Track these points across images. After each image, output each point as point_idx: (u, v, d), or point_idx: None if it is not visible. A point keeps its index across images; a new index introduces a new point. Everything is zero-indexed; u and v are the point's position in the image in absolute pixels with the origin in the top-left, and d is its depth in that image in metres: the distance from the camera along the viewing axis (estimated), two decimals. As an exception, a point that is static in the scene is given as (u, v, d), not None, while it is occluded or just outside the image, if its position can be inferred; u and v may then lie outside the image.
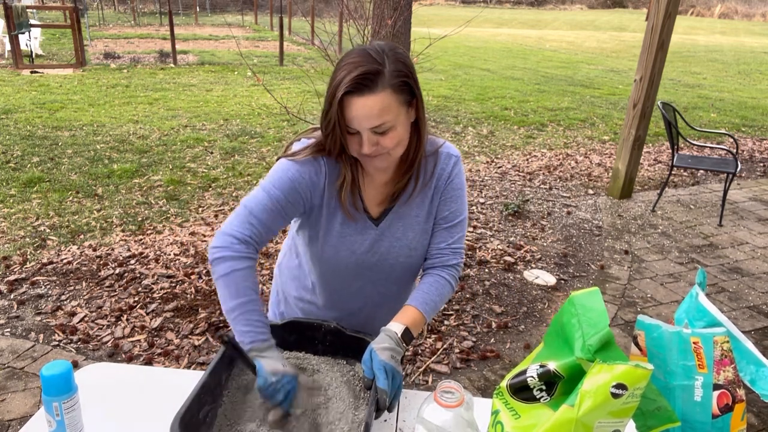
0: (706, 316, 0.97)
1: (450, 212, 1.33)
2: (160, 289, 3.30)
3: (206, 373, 1.14)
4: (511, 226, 4.39)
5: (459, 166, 1.34)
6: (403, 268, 1.37)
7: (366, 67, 1.10)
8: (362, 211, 1.31)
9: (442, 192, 1.32)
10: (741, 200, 5.25)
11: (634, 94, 4.83)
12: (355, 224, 1.31)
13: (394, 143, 1.17)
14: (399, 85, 1.13)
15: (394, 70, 1.12)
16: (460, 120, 7.69)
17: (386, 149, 1.17)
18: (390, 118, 1.13)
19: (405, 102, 1.16)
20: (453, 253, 1.34)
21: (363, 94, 1.10)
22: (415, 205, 1.32)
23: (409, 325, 1.22)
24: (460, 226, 1.35)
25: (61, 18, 16.54)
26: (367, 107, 1.11)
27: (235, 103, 8.04)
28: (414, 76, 1.17)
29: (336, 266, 1.35)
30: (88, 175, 5.00)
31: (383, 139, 1.15)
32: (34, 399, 2.44)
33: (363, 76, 1.10)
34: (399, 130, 1.16)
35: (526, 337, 3.05)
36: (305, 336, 1.33)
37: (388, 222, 1.32)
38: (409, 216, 1.32)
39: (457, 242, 1.35)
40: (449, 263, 1.34)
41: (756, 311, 3.40)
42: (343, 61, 1.13)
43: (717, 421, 0.91)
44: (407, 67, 1.15)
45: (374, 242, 1.33)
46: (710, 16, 32.47)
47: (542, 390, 0.93)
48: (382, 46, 1.16)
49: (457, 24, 5.49)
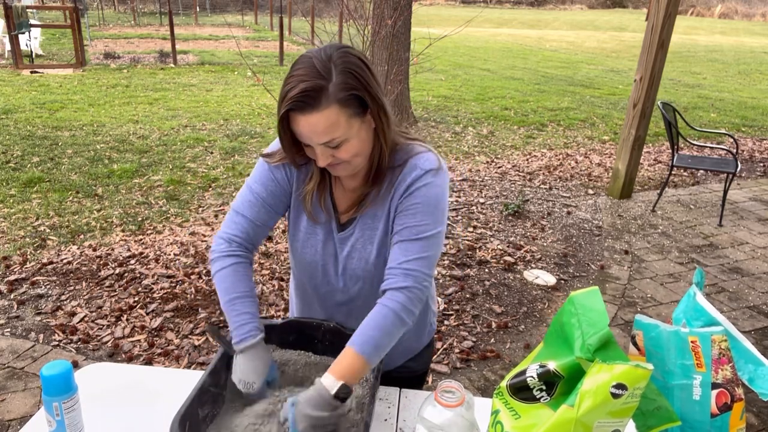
0: (703, 316, 0.98)
1: (405, 227, 1.18)
2: (160, 289, 3.30)
3: (206, 373, 1.14)
4: (511, 226, 4.39)
5: (426, 178, 1.18)
6: (365, 283, 1.29)
7: (308, 83, 1.04)
8: (332, 213, 1.28)
9: (397, 204, 1.20)
10: (741, 200, 5.25)
11: (634, 94, 4.83)
12: (319, 226, 1.28)
13: (349, 155, 1.12)
14: (346, 98, 1.06)
15: (340, 83, 1.05)
16: (460, 120, 7.70)
17: (342, 160, 1.13)
18: (339, 134, 1.08)
19: (357, 114, 1.09)
20: (404, 274, 1.15)
21: (305, 112, 1.05)
22: (376, 218, 1.24)
23: (346, 378, 1.07)
24: (419, 244, 1.16)
25: (61, 18, 16.54)
26: (311, 125, 1.06)
27: (235, 103, 8.04)
28: (367, 85, 1.09)
29: (303, 263, 1.33)
30: (88, 175, 5.00)
31: (337, 152, 1.11)
32: (34, 399, 2.44)
33: (305, 93, 1.04)
34: (353, 142, 1.11)
35: (526, 337, 3.05)
36: (305, 335, 1.33)
37: (351, 230, 1.27)
38: (370, 228, 1.25)
39: (412, 263, 1.16)
40: (396, 286, 1.15)
41: (756, 311, 3.40)
42: (290, 72, 1.08)
43: (716, 420, 0.91)
44: (357, 77, 1.07)
45: (335, 247, 1.29)
46: (710, 16, 32.47)
47: (542, 390, 0.93)
48: (331, 53, 1.07)
49: (457, 24, 5.49)
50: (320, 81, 1.04)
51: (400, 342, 1.18)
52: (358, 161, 1.16)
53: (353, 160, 1.14)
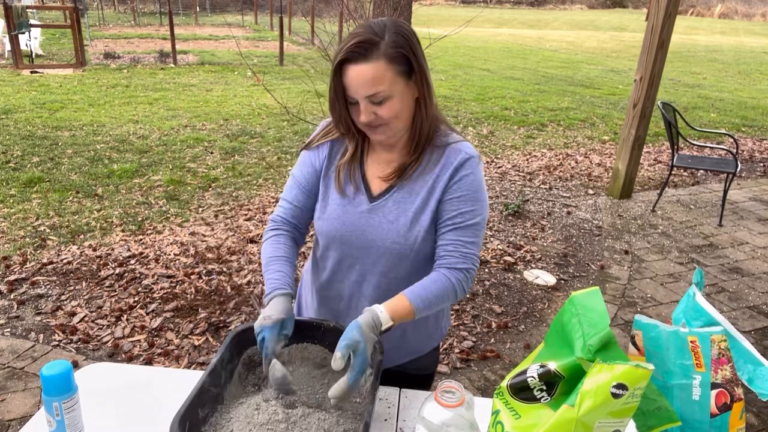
0: (703, 316, 0.97)
1: (459, 212, 1.26)
2: (160, 289, 3.30)
3: (206, 373, 1.14)
4: (511, 226, 4.39)
5: (471, 164, 1.28)
6: (392, 257, 1.30)
7: (362, 37, 1.15)
8: (361, 186, 1.32)
9: (446, 188, 1.27)
10: (741, 200, 5.25)
11: (634, 94, 4.83)
12: (349, 197, 1.32)
13: (390, 114, 1.19)
14: (394, 55, 1.16)
15: (391, 41, 1.16)
16: (460, 120, 7.70)
17: (383, 120, 1.19)
18: (384, 88, 1.16)
19: (402, 73, 1.18)
20: (463, 257, 1.26)
21: (357, 62, 1.15)
22: (414, 192, 1.29)
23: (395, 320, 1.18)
24: (472, 230, 1.27)
25: (61, 18, 16.54)
26: (361, 74, 1.15)
27: (235, 103, 8.04)
28: (415, 51, 1.19)
29: (330, 232, 1.34)
30: (88, 175, 5.00)
31: (380, 109, 1.18)
32: (34, 399, 2.44)
33: (358, 44, 1.14)
34: (395, 101, 1.18)
35: (526, 337, 3.05)
36: (305, 335, 1.33)
37: (384, 201, 1.30)
38: (406, 201, 1.29)
39: (468, 246, 1.26)
40: (456, 266, 1.26)
41: (756, 311, 3.40)
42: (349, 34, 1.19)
43: (715, 420, 0.91)
44: (407, 40, 1.18)
45: (364, 217, 1.30)
46: (710, 16, 32.47)
47: (542, 390, 0.93)
48: (386, 21, 1.19)
49: (457, 24, 5.49)
50: (374, 37, 1.15)
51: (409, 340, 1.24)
52: (398, 125, 1.22)
53: (393, 122, 1.20)
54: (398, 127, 1.23)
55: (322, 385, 1.24)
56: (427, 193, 1.28)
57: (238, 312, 3.11)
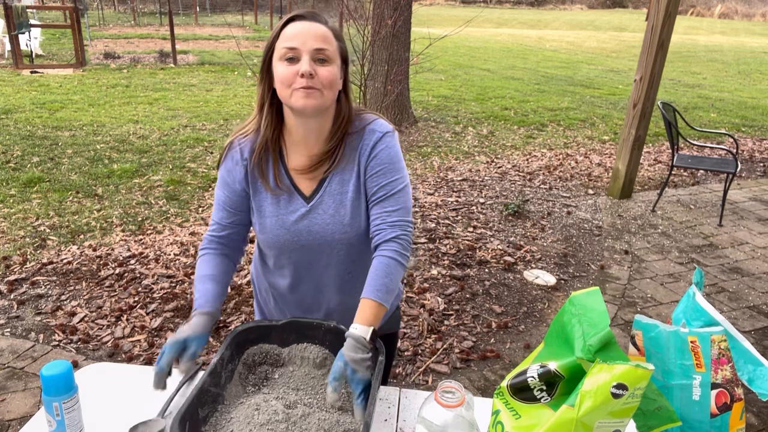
0: (703, 316, 0.98)
1: (378, 186, 1.32)
2: (160, 289, 3.30)
3: (206, 373, 1.14)
4: (511, 226, 4.39)
5: (385, 140, 1.33)
6: (343, 247, 1.35)
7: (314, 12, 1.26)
8: (291, 188, 1.34)
9: (365, 168, 1.32)
10: (741, 200, 5.25)
11: (634, 94, 4.83)
12: (283, 200, 1.34)
13: (329, 77, 1.23)
14: (338, 37, 1.27)
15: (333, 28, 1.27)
16: (460, 120, 7.70)
17: (320, 83, 1.22)
18: (330, 50, 1.23)
19: (341, 51, 1.27)
20: (390, 226, 1.31)
21: (311, 21, 1.23)
22: (344, 182, 1.33)
23: (373, 323, 1.22)
24: (393, 199, 1.32)
25: (61, 18, 16.54)
26: (312, 29, 1.22)
27: (235, 103, 8.04)
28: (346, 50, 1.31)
29: (277, 244, 1.36)
30: (88, 175, 5.00)
31: (321, 69, 1.22)
32: (34, 399, 2.44)
33: (312, 12, 1.25)
34: (334, 68, 1.24)
35: (526, 337, 3.05)
36: (305, 335, 1.33)
37: (319, 198, 1.33)
38: (339, 192, 1.33)
39: (393, 215, 1.31)
40: (387, 238, 1.30)
41: (756, 311, 3.40)
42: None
43: (715, 420, 0.92)
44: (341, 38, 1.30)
45: (305, 218, 1.33)
46: (710, 16, 32.47)
47: (543, 390, 0.93)
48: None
49: (457, 24, 5.49)
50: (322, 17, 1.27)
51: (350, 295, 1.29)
52: (330, 96, 1.25)
53: (327, 91, 1.24)
54: (328, 98, 1.25)
55: (322, 385, 1.24)
56: (356, 179, 1.33)
57: (238, 312, 3.11)
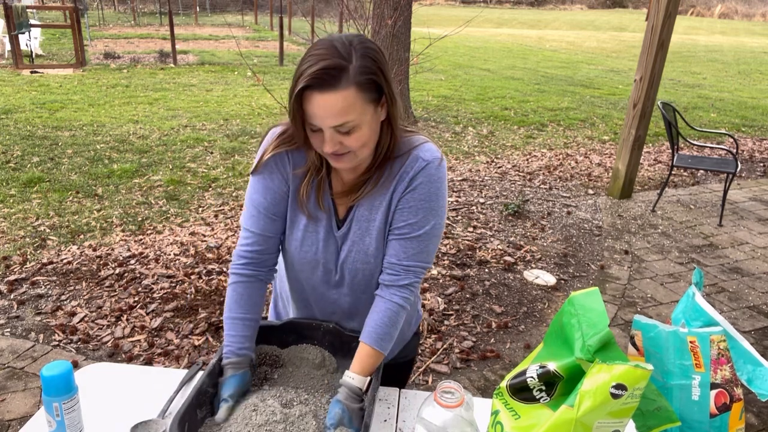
0: (702, 316, 0.97)
1: (406, 223, 1.19)
2: (160, 289, 3.30)
3: (205, 374, 1.14)
4: (511, 226, 4.39)
5: (430, 170, 1.18)
6: (364, 276, 1.27)
7: (329, 62, 1.02)
8: (331, 212, 1.25)
9: (400, 198, 1.20)
10: (741, 200, 5.25)
11: (634, 94, 4.83)
12: (320, 222, 1.25)
13: (358, 144, 1.09)
14: (365, 82, 1.05)
15: (360, 66, 1.04)
16: (460, 120, 7.70)
17: (350, 149, 1.10)
18: (353, 117, 1.05)
19: (372, 100, 1.08)
20: (405, 271, 1.21)
21: (324, 91, 1.03)
22: (374, 208, 1.22)
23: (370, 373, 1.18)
24: (417, 240, 1.20)
25: (61, 18, 16.54)
26: (328, 105, 1.03)
27: (235, 103, 8.04)
28: (384, 73, 1.09)
29: (302, 262, 1.29)
30: (88, 175, 5.00)
31: (347, 138, 1.08)
32: (34, 399, 2.44)
33: (324, 70, 1.01)
34: (364, 129, 1.09)
35: (526, 337, 3.05)
36: (304, 336, 1.33)
37: (349, 224, 1.24)
38: (367, 219, 1.23)
39: (412, 259, 1.20)
40: (400, 283, 1.21)
41: (756, 311, 3.40)
42: (309, 52, 1.06)
43: (715, 420, 0.91)
44: (376, 62, 1.07)
45: (337, 245, 1.26)
46: (710, 16, 32.46)
47: (542, 390, 0.93)
48: (351, 38, 1.07)
49: (457, 24, 5.49)
50: (341, 61, 1.03)
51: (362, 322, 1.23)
52: (364, 153, 1.13)
53: (360, 150, 1.11)
54: (365, 155, 1.14)
55: (321, 385, 1.24)
56: (386, 208, 1.21)
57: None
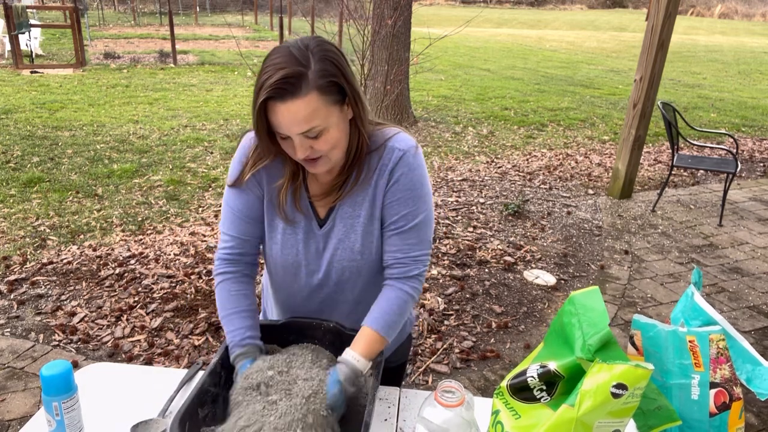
0: (701, 315, 0.98)
1: (400, 216, 1.22)
2: (160, 289, 3.30)
3: (206, 373, 1.14)
4: (511, 226, 4.39)
5: (408, 160, 1.20)
6: (351, 273, 1.28)
7: (287, 70, 1.03)
8: (310, 213, 1.26)
9: (385, 192, 1.21)
10: (741, 200, 5.25)
11: (634, 94, 4.83)
12: (299, 225, 1.26)
13: (328, 146, 1.11)
14: (326, 85, 1.06)
15: (319, 70, 1.05)
16: (460, 120, 7.69)
17: (321, 153, 1.12)
18: (319, 122, 1.07)
19: (335, 102, 1.09)
20: (414, 262, 1.23)
21: (286, 100, 1.04)
22: (356, 204, 1.23)
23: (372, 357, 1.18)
24: (416, 230, 1.23)
25: (61, 18, 16.54)
26: (292, 113, 1.04)
27: (235, 103, 8.04)
28: (345, 73, 1.09)
29: (285, 265, 1.30)
30: (88, 175, 5.00)
31: (316, 143, 1.10)
32: (34, 399, 2.44)
33: (284, 80, 1.03)
34: (333, 132, 1.10)
35: (526, 337, 3.05)
36: (305, 335, 1.33)
37: (330, 223, 1.25)
38: (351, 216, 1.24)
39: (416, 248, 1.23)
40: (410, 274, 1.23)
41: (756, 311, 3.40)
42: (266, 62, 1.07)
43: (714, 419, 0.92)
44: (335, 64, 1.08)
45: (317, 245, 1.27)
46: (710, 16, 32.46)
47: (542, 390, 0.93)
48: (308, 42, 1.08)
49: (457, 24, 5.49)
50: (299, 68, 1.04)
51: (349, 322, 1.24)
52: (337, 154, 1.15)
53: (331, 153, 1.13)
54: (338, 156, 1.16)
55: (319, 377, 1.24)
56: (370, 203, 1.23)
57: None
